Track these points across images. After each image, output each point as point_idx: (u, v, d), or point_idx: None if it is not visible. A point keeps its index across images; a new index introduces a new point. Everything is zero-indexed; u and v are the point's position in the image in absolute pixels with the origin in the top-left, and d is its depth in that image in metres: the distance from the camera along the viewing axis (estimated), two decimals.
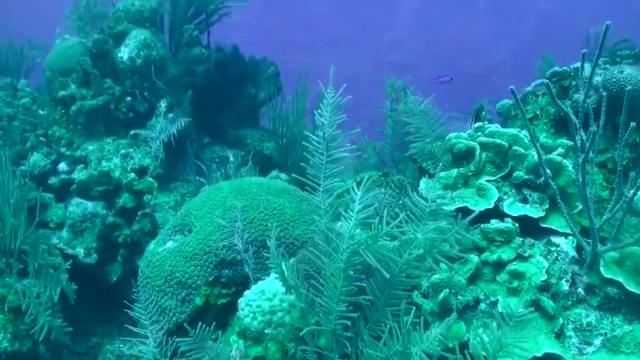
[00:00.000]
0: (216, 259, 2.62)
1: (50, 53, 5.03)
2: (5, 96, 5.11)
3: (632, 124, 2.07)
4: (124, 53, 4.87)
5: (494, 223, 2.47)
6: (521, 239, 2.44)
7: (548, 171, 2.52)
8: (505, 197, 2.70)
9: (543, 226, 2.58)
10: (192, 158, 4.79)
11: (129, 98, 4.88)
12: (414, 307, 2.03)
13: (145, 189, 4.23)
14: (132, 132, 4.85)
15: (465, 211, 2.66)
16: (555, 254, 2.43)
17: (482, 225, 2.47)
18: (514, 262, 2.37)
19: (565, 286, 2.29)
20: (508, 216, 2.58)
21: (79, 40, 5.01)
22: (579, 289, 2.29)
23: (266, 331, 2.13)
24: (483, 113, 3.37)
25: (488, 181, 2.74)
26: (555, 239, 2.51)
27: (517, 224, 2.51)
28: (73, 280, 4.05)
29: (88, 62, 4.81)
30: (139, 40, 4.91)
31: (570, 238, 2.51)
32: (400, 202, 3.32)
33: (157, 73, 4.92)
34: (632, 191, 2.08)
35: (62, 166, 4.61)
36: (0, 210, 3.11)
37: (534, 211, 2.60)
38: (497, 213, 2.64)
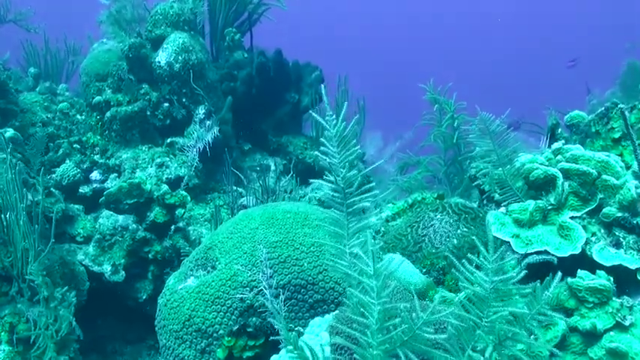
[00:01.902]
0: (241, 305, 2.12)
1: (87, 57, 4.65)
2: (43, 100, 4.76)
3: None
4: (162, 58, 4.43)
5: (586, 278, 1.88)
6: (619, 301, 1.85)
7: None
8: (593, 239, 2.10)
9: None
10: (230, 168, 4.31)
11: (166, 104, 4.44)
12: None
13: (177, 202, 3.77)
14: (168, 140, 4.42)
15: (544, 258, 2.10)
16: None
17: (569, 280, 1.88)
18: (612, 332, 1.77)
19: None
20: (599, 266, 1.99)
21: (117, 44, 4.60)
22: None
23: None
24: (560, 130, 2.76)
25: (572, 217, 2.15)
26: None
27: (611, 278, 1.92)
28: (99, 297, 3.67)
29: (124, 67, 4.40)
30: (178, 44, 4.46)
31: None
32: (459, 231, 2.75)
33: (195, 78, 4.46)
34: None
35: (95, 174, 4.23)
36: (12, 232, 2.70)
37: (631, 260, 2.00)
38: (582, 258, 2.06)
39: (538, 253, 2.06)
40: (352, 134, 1.44)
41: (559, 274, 1.27)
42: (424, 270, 2.60)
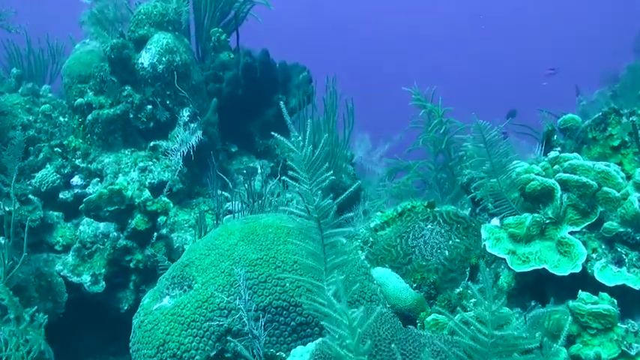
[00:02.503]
0: (219, 329, 1.94)
1: (69, 58, 4.42)
2: (25, 102, 4.54)
3: None
4: (145, 59, 4.22)
5: (588, 301, 1.71)
6: (624, 327, 1.68)
7: None
8: (594, 256, 1.94)
9: None
10: (215, 172, 4.09)
11: (149, 107, 4.22)
12: None
13: (159, 209, 3.57)
14: (151, 143, 4.21)
15: (541, 273, 1.93)
16: None
17: (570, 303, 1.71)
18: None
19: None
20: (601, 286, 1.83)
21: (99, 44, 4.38)
22: None
23: None
24: (555, 137, 2.59)
25: (571, 232, 1.98)
26: None
27: (615, 301, 1.75)
28: (80, 309, 3.47)
29: (106, 68, 4.18)
30: (161, 45, 4.24)
31: None
32: (451, 242, 2.58)
33: (180, 79, 4.25)
34: None
35: (76, 179, 4.01)
36: None
37: (635, 280, 1.83)
38: (582, 275, 1.90)
39: (538, 276, 1.89)
40: (324, 157, 1.24)
41: (567, 326, 1.10)
42: (414, 285, 2.43)
